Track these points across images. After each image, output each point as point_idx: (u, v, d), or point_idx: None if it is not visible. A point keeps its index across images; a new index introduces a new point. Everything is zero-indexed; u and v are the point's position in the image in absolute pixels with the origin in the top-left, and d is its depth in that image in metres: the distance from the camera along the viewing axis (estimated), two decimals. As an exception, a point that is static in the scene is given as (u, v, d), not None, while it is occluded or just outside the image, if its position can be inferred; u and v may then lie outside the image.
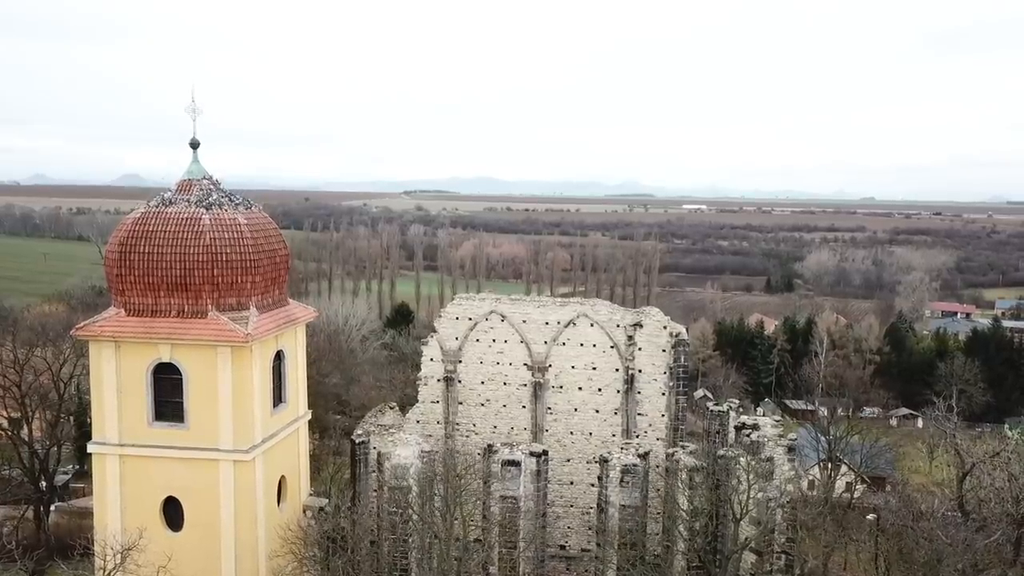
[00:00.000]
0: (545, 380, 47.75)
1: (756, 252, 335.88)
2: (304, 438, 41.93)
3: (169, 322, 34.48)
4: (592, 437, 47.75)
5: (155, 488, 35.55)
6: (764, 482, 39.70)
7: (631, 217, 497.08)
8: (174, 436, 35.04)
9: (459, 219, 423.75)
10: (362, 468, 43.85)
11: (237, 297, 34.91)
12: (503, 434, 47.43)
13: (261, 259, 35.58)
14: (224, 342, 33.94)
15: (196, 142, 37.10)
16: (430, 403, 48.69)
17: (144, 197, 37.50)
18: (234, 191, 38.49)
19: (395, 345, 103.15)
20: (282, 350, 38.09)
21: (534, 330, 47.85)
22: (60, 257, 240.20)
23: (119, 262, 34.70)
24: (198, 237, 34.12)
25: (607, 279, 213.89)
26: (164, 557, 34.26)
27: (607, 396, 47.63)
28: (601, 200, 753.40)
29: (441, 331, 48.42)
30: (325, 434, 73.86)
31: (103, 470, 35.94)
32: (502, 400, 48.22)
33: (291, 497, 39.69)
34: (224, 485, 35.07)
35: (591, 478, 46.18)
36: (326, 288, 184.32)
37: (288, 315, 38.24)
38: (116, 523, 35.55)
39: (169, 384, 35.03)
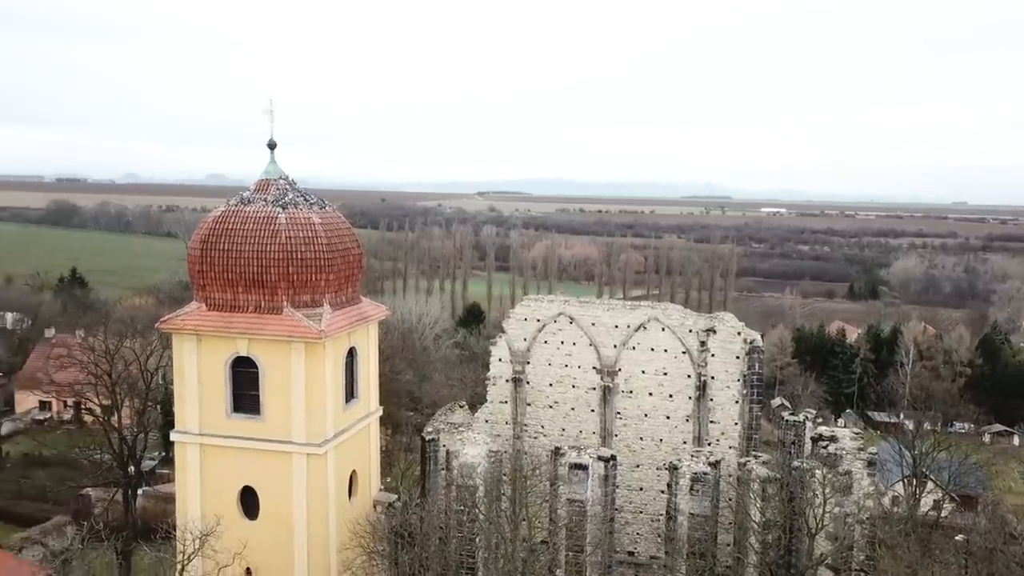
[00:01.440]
0: (615, 384, 47.23)
1: (838, 257, 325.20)
2: (375, 433, 42.61)
3: (247, 317, 35.53)
4: (662, 444, 46.99)
5: (233, 477, 36.67)
6: (841, 496, 38.27)
7: (707, 219, 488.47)
8: (251, 428, 36.08)
9: (531, 220, 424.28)
10: (432, 465, 44.26)
11: (311, 294, 35.73)
12: (571, 437, 47.16)
13: (334, 258, 36.31)
14: (298, 338, 34.77)
15: (273, 143, 38.12)
16: (498, 403, 48.80)
17: (227, 196, 38.73)
18: (312, 191, 39.45)
19: (466, 344, 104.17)
20: (355, 347, 38.78)
21: (603, 333, 47.38)
22: (150, 253, 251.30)
23: (200, 259, 35.97)
24: (274, 236, 35.04)
25: (681, 282, 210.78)
26: (240, 544, 35.32)
27: (678, 402, 46.80)
28: (676, 202, 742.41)
29: (509, 332, 48.47)
30: (397, 430, 74.98)
31: (184, 458, 37.32)
32: (571, 403, 47.93)
33: (362, 491, 40.37)
34: (297, 477, 35.91)
35: (660, 485, 45.45)
36: (401, 287, 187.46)
37: (361, 313, 38.91)
38: (196, 509, 36.83)
39: (246, 377, 36.09)
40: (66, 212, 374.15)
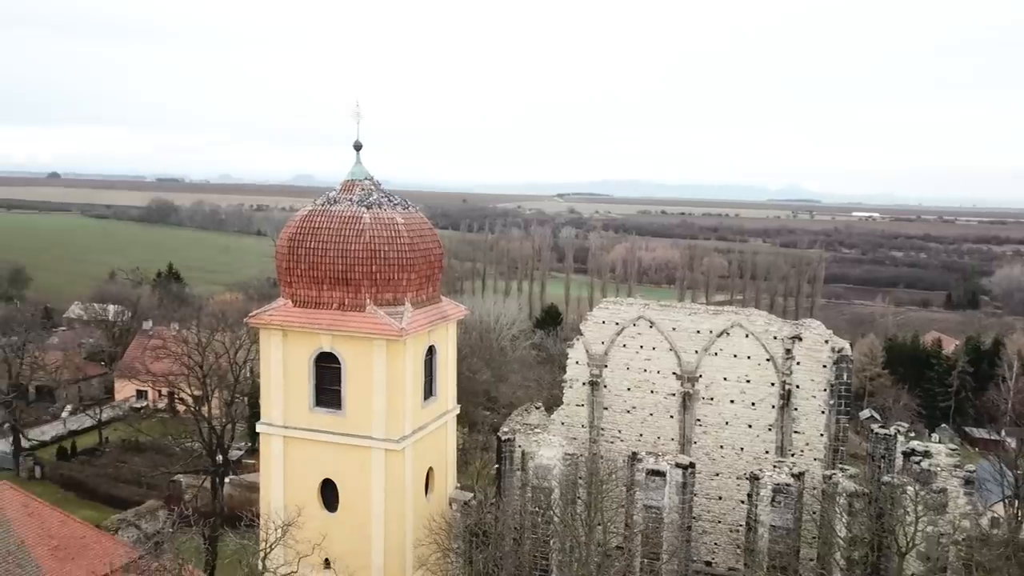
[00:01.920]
0: (695, 391, 46.28)
1: (935, 264, 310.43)
2: (452, 432, 42.96)
3: (331, 314, 36.37)
4: (743, 453, 45.78)
5: (314, 470, 37.58)
6: (935, 515, 36.41)
7: (795, 223, 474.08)
8: (332, 422, 36.91)
9: (611, 222, 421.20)
10: (507, 465, 44.33)
11: (393, 293, 36.29)
12: (649, 443, 46.45)
13: (416, 257, 36.78)
14: (380, 335, 35.37)
15: (359, 144, 38.86)
16: (575, 406, 48.50)
17: (315, 196, 39.74)
18: (396, 192, 40.08)
19: (543, 346, 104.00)
20: (434, 345, 39.19)
21: (684, 338, 46.48)
22: (241, 250, 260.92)
23: (288, 256, 37.01)
24: (359, 235, 35.75)
25: (767, 288, 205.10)
26: (320, 535, 36.19)
27: (761, 411, 45.49)
28: (762, 205, 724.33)
29: (587, 334, 48.09)
30: (474, 429, 75.52)
31: (269, 449, 38.47)
32: (649, 408, 47.22)
33: (438, 489, 40.76)
34: (375, 472, 36.52)
35: (740, 495, 44.29)
36: (479, 287, 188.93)
37: (440, 312, 39.30)
38: (279, 500, 37.92)
39: (329, 373, 36.92)
40: (165, 210, 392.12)
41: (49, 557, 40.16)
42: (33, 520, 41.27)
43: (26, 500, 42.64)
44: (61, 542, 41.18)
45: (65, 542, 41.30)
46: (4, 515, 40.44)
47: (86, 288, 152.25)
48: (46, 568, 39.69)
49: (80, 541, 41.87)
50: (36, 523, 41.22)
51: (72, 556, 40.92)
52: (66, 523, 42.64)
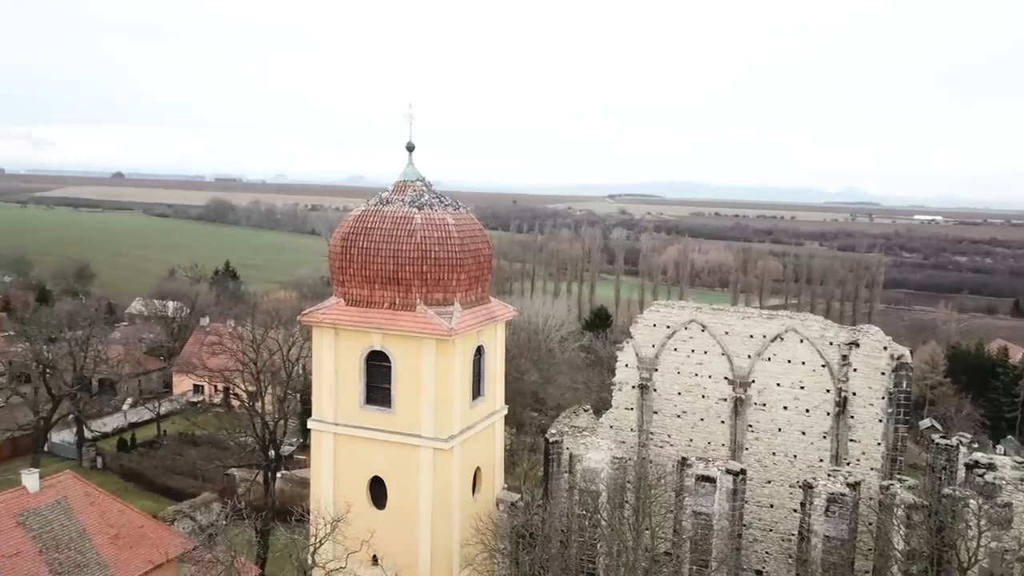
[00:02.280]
0: (747, 396, 45.43)
1: (1002, 270, 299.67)
2: (500, 432, 42.97)
3: (382, 313, 36.71)
4: (796, 460, 44.75)
5: (363, 467, 37.96)
6: (999, 530, 35.01)
7: (853, 227, 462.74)
8: (381, 420, 37.23)
9: (663, 224, 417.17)
10: (554, 467, 44.16)
11: (443, 293, 36.46)
12: (699, 448, 45.77)
13: (466, 258, 36.89)
14: (429, 334, 35.57)
15: (411, 146, 39.15)
16: (624, 409, 48.05)
17: (368, 196, 40.17)
18: (447, 192, 40.28)
19: (592, 348, 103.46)
20: (482, 345, 39.26)
21: (737, 343, 45.66)
22: (295, 249, 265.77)
23: (341, 256, 37.47)
24: (410, 235, 36.02)
25: (823, 293, 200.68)
26: (368, 532, 36.56)
27: (815, 418, 44.41)
28: (819, 208, 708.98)
29: (637, 337, 47.60)
30: (521, 430, 75.52)
31: (319, 446, 39.00)
32: (699, 413, 46.51)
33: (485, 489, 40.82)
34: (423, 471, 36.72)
35: (793, 503, 43.31)
36: (529, 288, 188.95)
37: (489, 312, 39.35)
38: (329, 495, 38.42)
39: (379, 371, 37.26)
40: (222, 210, 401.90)
41: (109, 545, 41.45)
42: (94, 509, 42.64)
43: (88, 489, 44.07)
44: (120, 531, 42.45)
45: (124, 531, 42.56)
46: (68, 503, 41.87)
47: (147, 285, 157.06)
48: (106, 556, 40.96)
49: (138, 531, 43.10)
50: (97, 512, 42.57)
51: (130, 545, 42.15)
52: (125, 513, 43.93)
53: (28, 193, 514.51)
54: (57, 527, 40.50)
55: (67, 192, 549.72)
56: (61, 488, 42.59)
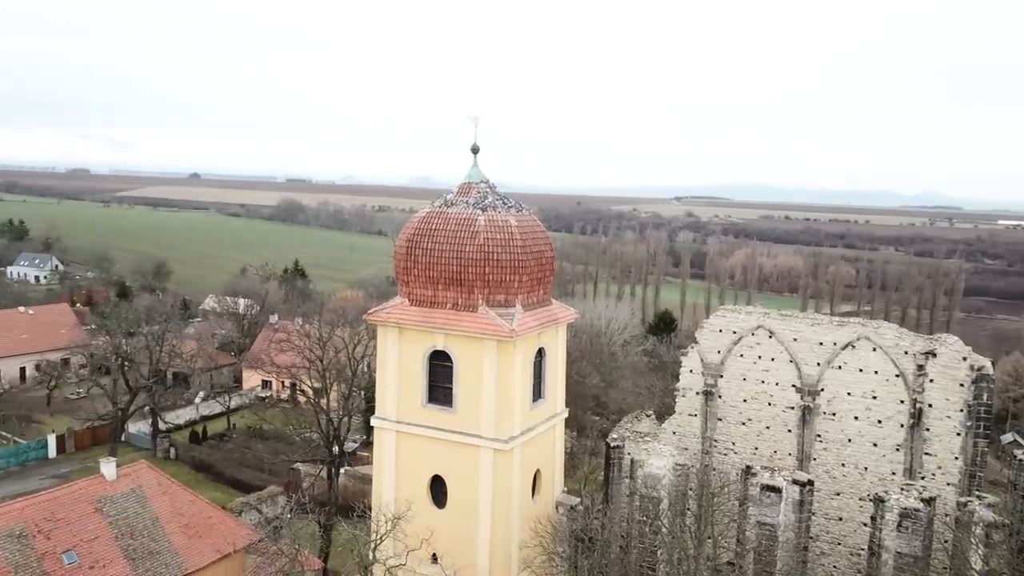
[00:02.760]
0: (816, 405, 44.13)
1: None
2: (560, 435, 42.79)
3: (444, 313, 36.97)
4: (867, 473, 43.24)
5: (424, 465, 38.27)
6: (1087, 553, 33.16)
7: (931, 231, 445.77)
8: (442, 419, 37.49)
9: (731, 227, 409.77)
10: (615, 472, 43.74)
11: (505, 294, 36.50)
12: (764, 457, 44.68)
13: (528, 260, 36.85)
14: (491, 335, 35.65)
15: (476, 148, 39.32)
16: (687, 415, 47.26)
17: (433, 197, 40.53)
18: (511, 194, 40.34)
19: (656, 352, 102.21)
20: (543, 347, 39.16)
21: (806, 350, 44.40)
22: (362, 249, 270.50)
23: (405, 256, 37.88)
24: (473, 237, 36.17)
25: (898, 300, 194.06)
26: (428, 531, 36.86)
27: (888, 430, 42.84)
28: (895, 211, 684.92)
29: (702, 342, 46.76)
30: (582, 433, 75.11)
31: (382, 443, 39.50)
32: (765, 421, 45.41)
33: (544, 491, 40.68)
34: (483, 471, 36.81)
35: (863, 517, 41.88)
36: (591, 290, 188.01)
37: (550, 314, 39.22)
38: (390, 493, 38.87)
39: (442, 370, 37.52)
40: (292, 210, 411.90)
41: (180, 533, 42.85)
42: (167, 498, 44.15)
43: (161, 479, 45.68)
44: (190, 520, 43.85)
45: (194, 520, 43.96)
46: (142, 492, 43.46)
47: (220, 282, 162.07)
48: (177, 544, 42.37)
49: (207, 520, 44.45)
50: (169, 501, 44.07)
51: (200, 534, 43.49)
52: (195, 503, 45.36)
53: (111, 193, 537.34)
54: (132, 514, 42.08)
55: (147, 192, 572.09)
56: (136, 477, 44.26)
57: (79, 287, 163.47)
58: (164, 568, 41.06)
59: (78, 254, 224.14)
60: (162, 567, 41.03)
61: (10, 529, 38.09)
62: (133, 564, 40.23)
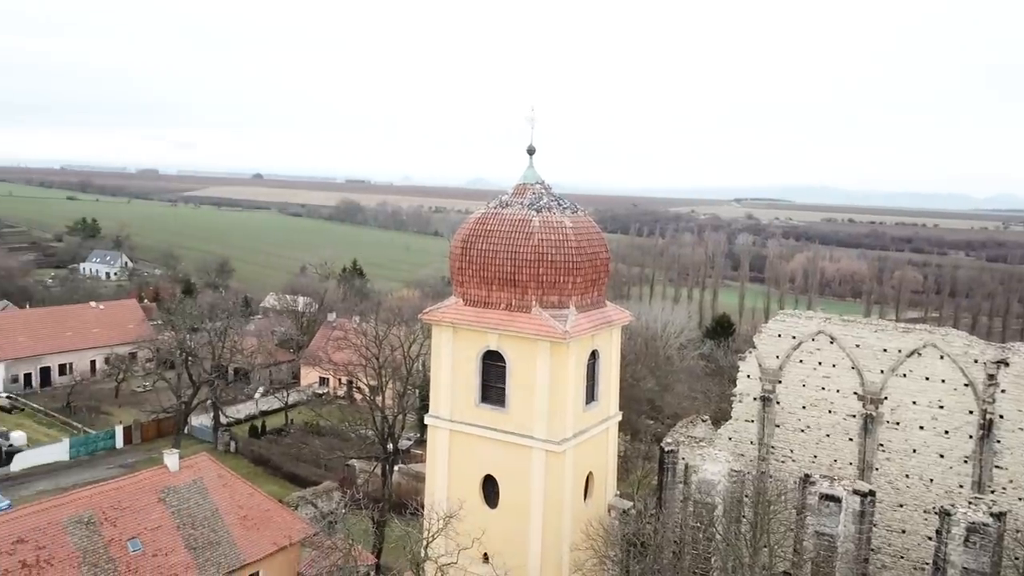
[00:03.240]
0: (878, 414, 42.82)
1: None
2: (614, 438, 42.44)
3: (498, 314, 37.03)
4: (933, 484, 41.75)
5: (476, 465, 38.38)
6: None
7: (1006, 236, 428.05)
8: (495, 419, 37.54)
9: (792, 229, 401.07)
10: (669, 477, 43.20)
11: (559, 296, 36.37)
12: (824, 466, 43.54)
13: (583, 261, 36.65)
14: (544, 337, 35.56)
15: (532, 149, 39.30)
16: (744, 421, 46.39)
17: (489, 199, 40.65)
18: (567, 195, 40.22)
19: (713, 357, 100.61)
20: (597, 350, 38.89)
21: (869, 357, 43.12)
22: (419, 249, 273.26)
23: (461, 257, 38.07)
24: (528, 238, 36.14)
25: (968, 306, 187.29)
26: (480, 530, 36.93)
27: (955, 440, 41.29)
28: (967, 215, 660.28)
29: (761, 347, 45.82)
30: (636, 437, 74.43)
31: (435, 442, 39.77)
32: (825, 429, 44.25)
33: (596, 495, 40.41)
34: (535, 472, 36.72)
35: (928, 530, 40.46)
36: (647, 293, 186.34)
37: (604, 316, 38.94)
38: (443, 491, 39.09)
39: (495, 370, 37.57)
40: (351, 210, 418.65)
41: (238, 525, 43.88)
42: (227, 490, 45.26)
43: (221, 471, 46.86)
44: (249, 512, 44.87)
45: (252, 513, 44.96)
46: (203, 484, 44.65)
47: (280, 280, 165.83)
48: (235, 535, 43.39)
49: (265, 513, 45.40)
50: (229, 493, 45.16)
51: (257, 526, 44.47)
52: (254, 495, 46.39)
53: (177, 193, 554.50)
54: (193, 505, 43.27)
55: (211, 192, 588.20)
56: (198, 469, 45.50)
57: (147, 283, 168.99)
58: (223, 558, 42.10)
59: (146, 252, 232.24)
60: (221, 557, 42.08)
61: (79, 515, 39.56)
62: (194, 553, 41.36)
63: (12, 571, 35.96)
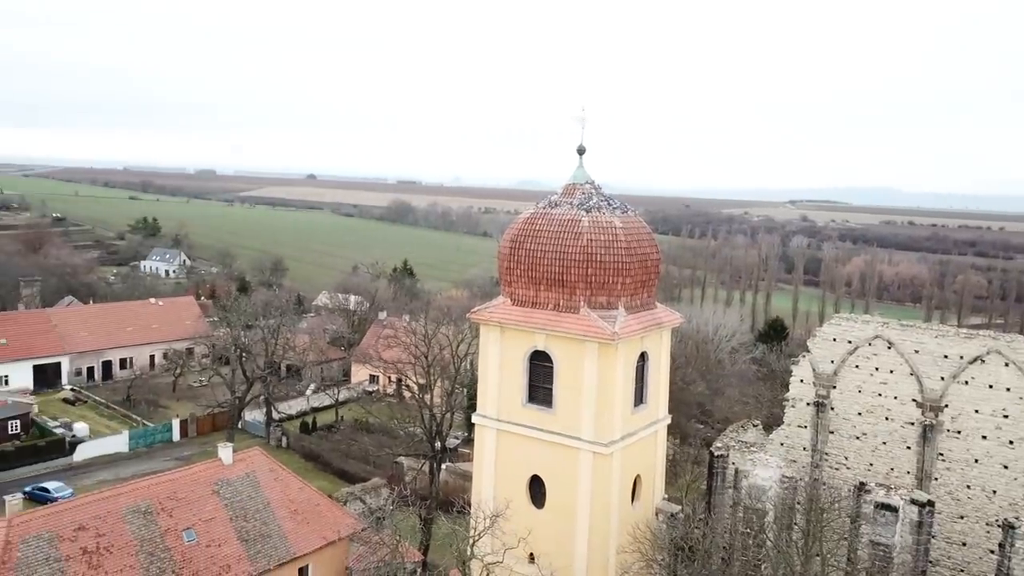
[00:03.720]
0: (938, 422, 41.47)
1: None
2: (662, 442, 41.96)
3: (546, 314, 36.92)
4: (996, 496, 40.28)
5: (523, 465, 38.32)
6: None
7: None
8: (542, 419, 37.44)
9: (849, 232, 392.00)
10: (718, 482, 42.56)
11: (607, 296, 36.10)
12: (880, 474, 42.38)
13: (632, 262, 36.31)
14: (592, 338, 35.33)
15: (582, 149, 39.09)
16: (796, 427, 45.41)
17: (538, 199, 40.56)
18: (617, 196, 39.90)
19: (765, 361, 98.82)
20: (646, 352, 38.50)
21: (928, 363, 41.80)
22: (468, 249, 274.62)
23: (509, 257, 38.06)
24: (576, 238, 35.95)
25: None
26: (526, 530, 36.89)
27: (1020, 451, 39.74)
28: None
29: (815, 352, 44.80)
30: (685, 441, 73.55)
31: (482, 440, 39.83)
32: (882, 436, 43.04)
33: (644, 498, 40.01)
34: (582, 473, 36.51)
35: (991, 543, 39.06)
36: (699, 295, 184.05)
37: (654, 318, 38.52)
38: (489, 490, 39.14)
39: (542, 370, 37.46)
40: (402, 211, 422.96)
41: (289, 518, 44.64)
42: (278, 484, 46.09)
43: (273, 466, 47.73)
44: (299, 507, 45.60)
45: (302, 507, 45.69)
46: (256, 477, 45.54)
47: (332, 279, 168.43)
48: (286, 528, 44.15)
49: (315, 508, 46.10)
50: (280, 487, 45.97)
51: (307, 520, 45.17)
52: (304, 490, 47.14)
53: (234, 193, 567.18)
54: (246, 498, 44.16)
55: (266, 192, 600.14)
56: (251, 463, 46.41)
57: (204, 281, 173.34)
58: (273, 551, 42.87)
59: (203, 250, 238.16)
60: (272, 550, 42.85)
61: (137, 505, 40.71)
62: (246, 545, 42.21)
63: (74, 557, 37.19)
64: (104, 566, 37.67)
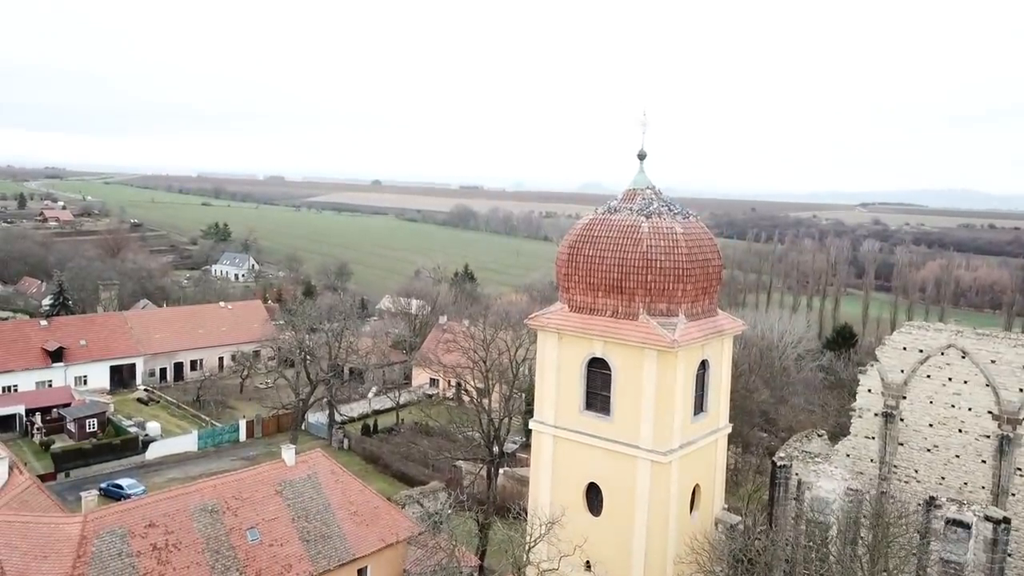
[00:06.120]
0: (1016, 435, 39.63)
1: None
2: (723, 451, 41.20)
3: (604, 320, 36.67)
4: (1078, 514, 38.30)
5: (580, 472, 38.12)
6: None
7: None
8: (599, 427, 37.20)
9: (923, 236, 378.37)
10: (781, 493, 41.60)
11: (667, 303, 35.66)
12: (952, 488, 40.72)
13: (693, 268, 35.79)
14: (651, 345, 34.94)
15: (643, 154, 38.75)
16: (863, 438, 44.01)
17: (599, 204, 40.35)
18: (679, 200, 39.42)
19: (832, 369, 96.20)
20: (707, 359, 37.87)
21: (1006, 373, 40.01)
22: (529, 254, 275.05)
23: (567, 263, 37.96)
24: (636, 244, 35.63)
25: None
26: (582, 538, 36.70)
27: (1106, 467, 37.72)
28: None
29: (884, 360, 43.35)
30: (747, 450, 72.11)
31: (539, 447, 39.78)
32: (955, 449, 41.36)
33: (703, 507, 39.34)
34: (640, 482, 36.12)
35: (1072, 565, 37.14)
36: (764, 301, 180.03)
37: (715, 325, 37.87)
38: (546, 497, 39.07)
39: (600, 377, 37.24)
40: (465, 215, 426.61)
41: (349, 520, 45.33)
42: (339, 486, 46.85)
43: (334, 467, 48.53)
44: (359, 508, 46.26)
45: (362, 509, 46.34)
46: (317, 479, 46.40)
47: (395, 283, 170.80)
48: (346, 530, 44.84)
49: (374, 510, 46.71)
50: (340, 489, 46.73)
51: (367, 522, 45.79)
52: (364, 492, 47.81)
53: (301, 198, 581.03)
54: (307, 499, 45.02)
55: (333, 197, 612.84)
56: (313, 464, 47.30)
57: (271, 285, 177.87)
58: (334, 552, 43.58)
59: (272, 255, 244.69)
60: (332, 551, 43.56)
61: (205, 504, 41.93)
62: (307, 546, 43.02)
63: (144, 552, 38.53)
64: (172, 562, 38.90)
